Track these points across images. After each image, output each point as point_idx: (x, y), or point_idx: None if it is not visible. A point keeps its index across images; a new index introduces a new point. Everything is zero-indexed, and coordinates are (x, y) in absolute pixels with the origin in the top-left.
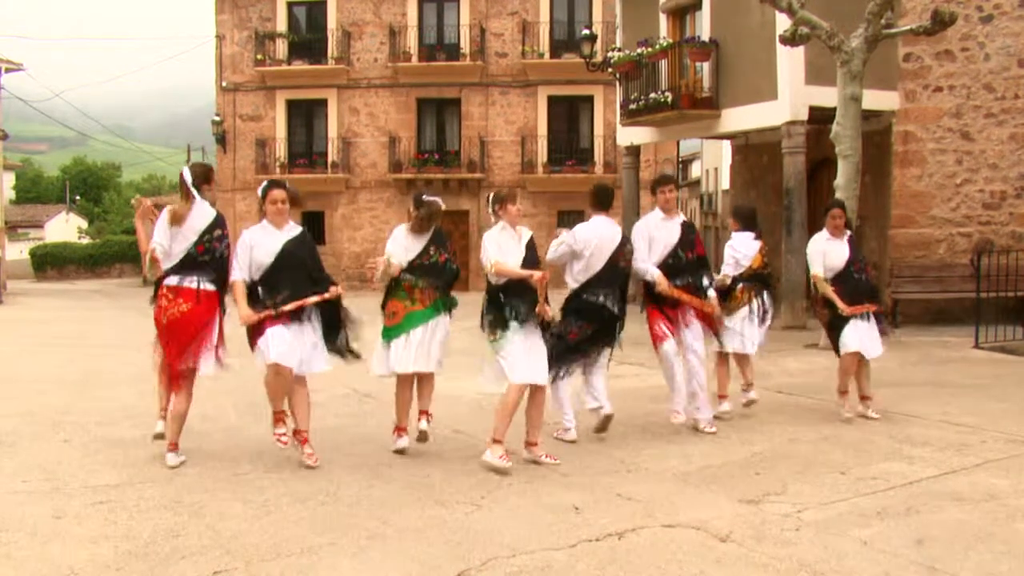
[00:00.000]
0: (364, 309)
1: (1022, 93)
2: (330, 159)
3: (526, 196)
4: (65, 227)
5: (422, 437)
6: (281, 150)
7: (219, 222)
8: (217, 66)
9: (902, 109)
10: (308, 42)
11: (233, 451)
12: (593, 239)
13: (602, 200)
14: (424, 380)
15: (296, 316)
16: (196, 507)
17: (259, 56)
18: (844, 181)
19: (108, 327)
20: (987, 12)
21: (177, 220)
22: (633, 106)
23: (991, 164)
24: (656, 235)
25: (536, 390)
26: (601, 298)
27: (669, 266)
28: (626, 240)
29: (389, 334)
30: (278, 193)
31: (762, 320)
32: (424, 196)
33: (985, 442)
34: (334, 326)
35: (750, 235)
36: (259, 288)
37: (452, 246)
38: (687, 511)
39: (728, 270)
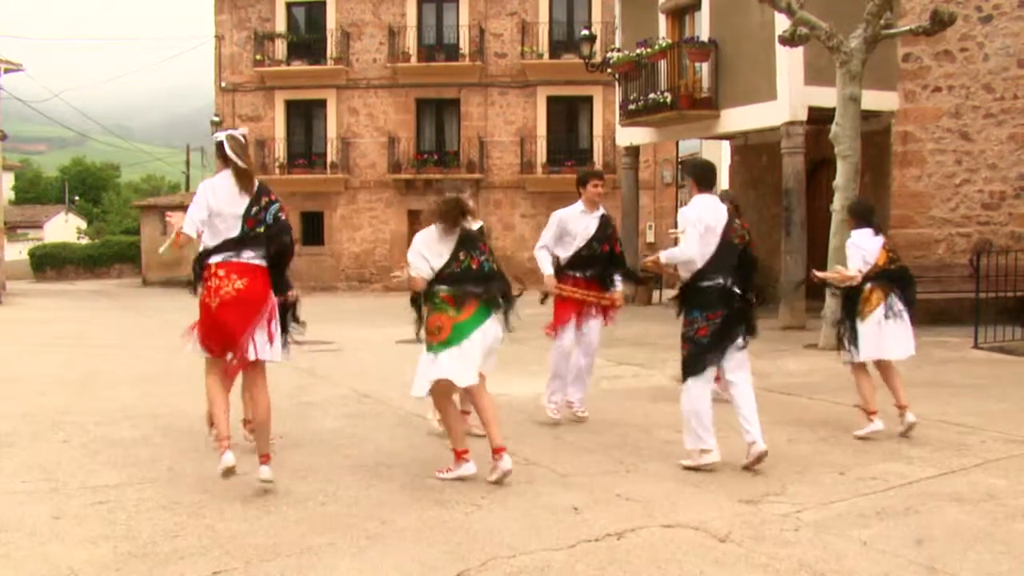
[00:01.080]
0: (364, 309)
1: (1021, 93)
2: (329, 159)
3: (525, 196)
4: (64, 227)
5: (500, 479)
6: (280, 150)
7: (264, 190)
8: (216, 66)
9: (901, 109)
10: (307, 42)
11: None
12: (706, 218)
13: (707, 178)
14: (479, 394)
15: None
16: (195, 507)
17: (258, 56)
18: (843, 181)
19: (107, 327)
20: (986, 12)
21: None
22: (632, 106)
23: (990, 164)
24: (572, 227)
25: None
26: (721, 280)
27: (583, 257)
28: (732, 216)
29: (438, 349)
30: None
31: (900, 318)
32: (447, 193)
33: (984, 442)
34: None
35: (869, 231)
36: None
37: (487, 245)
38: (686, 511)
39: (856, 265)
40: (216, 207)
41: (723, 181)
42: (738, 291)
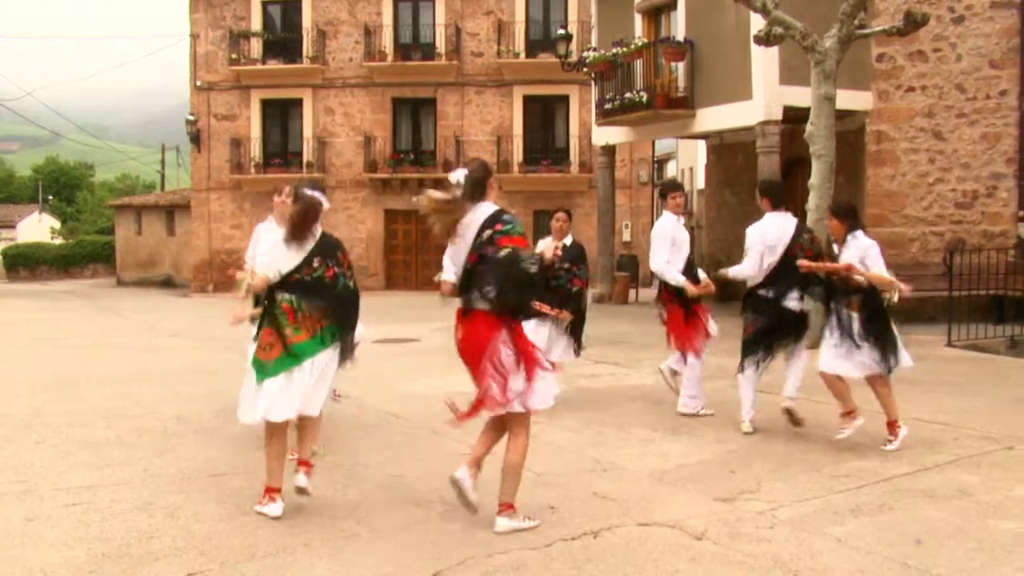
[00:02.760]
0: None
1: (993, 93)
2: (305, 159)
3: (502, 196)
4: (38, 227)
5: (302, 492)
6: (256, 150)
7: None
8: (191, 65)
9: (875, 109)
10: (283, 41)
11: (208, 452)
12: (769, 238)
13: (780, 197)
14: (307, 424)
15: None
16: (170, 509)
17: (233, 55)
18: (818, 181)
19: (82, 328)
20: (959, 13)
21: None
22: (608, 106)
23: (963, 164)
24: (679, 237)
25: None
26: (773, 293)
27: (692, 263)
28: (801, 230)
29: (264, 371)
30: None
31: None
32: (304, 188)
33: (957, 439)
34: None
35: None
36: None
37: (346, 257)
38: (663, 510)
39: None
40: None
41: (699, 180)
42: (791, 304)
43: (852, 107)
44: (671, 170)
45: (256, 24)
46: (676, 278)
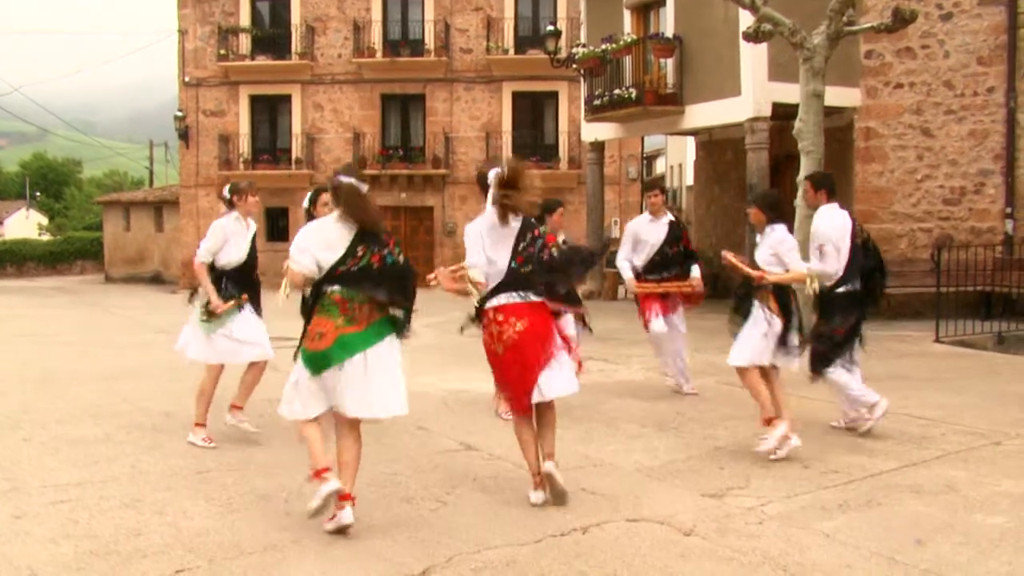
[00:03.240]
0: None
1: (981, 90)
2: (294, 155)
3: None
4: (25, 223)
5: (342, 531)
6: (245, 146)
7: (528, 224)
8: (180, 61)
9: (864, 105)
10: (271, 37)
11: (195, 449)
12: (843, 230)
13: (834, 188)
14: (351, 434)
15: None
16: (158, 506)
17: (222, 51)
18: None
19: (69, 325)
20: (947, 10)
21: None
22: (597, 102)
23: (951, 160)
24: (643, 235)
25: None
26: (854, 285)
27: (656, 262)
28: (854, 221)
29: (315, 363)
30: (326, 196)
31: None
32: (339, 177)
33: (945, 435)
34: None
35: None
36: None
37: (391, 236)
38: (651, 505)
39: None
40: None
41: (688, 177)
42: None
43: (841, 104)
44: (660, 167)
45: (245, 20)
46: (624, 274)
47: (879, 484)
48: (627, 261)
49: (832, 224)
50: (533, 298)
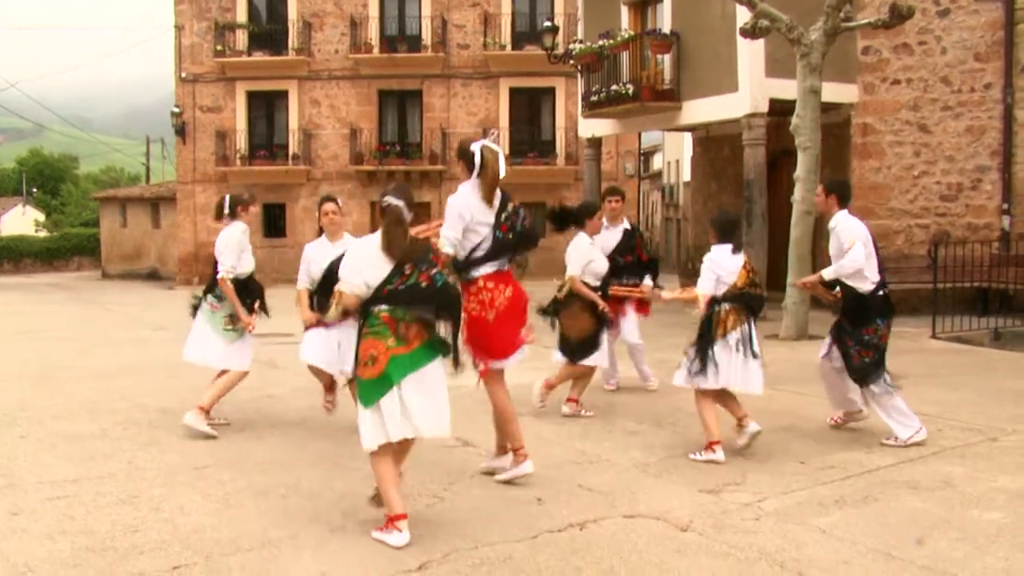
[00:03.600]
0: None
1: (978, 86)
2: (291, 151)
3: None
4: (21, 220)
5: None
6: (241, 142)
7: (506, 196)
8: (176, 57)
9: (861, 102)
10: (268, 33)
11: (193, 445)
12: (865, 235)
13: (848, 195)
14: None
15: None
16: (155, 502)
17: (219, 47)
18: (804, 173)
19: (66, 321)
20: (944, 6)
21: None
22: (594, 98)
23: (948, 156)
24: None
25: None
26: (886, 289)
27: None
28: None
29: (374, 391)
30: (328, 206)
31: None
32: (389, 197)
33: (941, 431)
34: None
35: (729, 247)
36: (318, 298)
37: (439, 256)
38: (648, 501)
39: (708, 286)
40: (471, 219)
41: (685, 173)
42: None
43: (838, 100)
44: (657, 163)
45: (241, 16)
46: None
47: (876, 480)
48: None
49: (855, 225)
50: (507, 266)
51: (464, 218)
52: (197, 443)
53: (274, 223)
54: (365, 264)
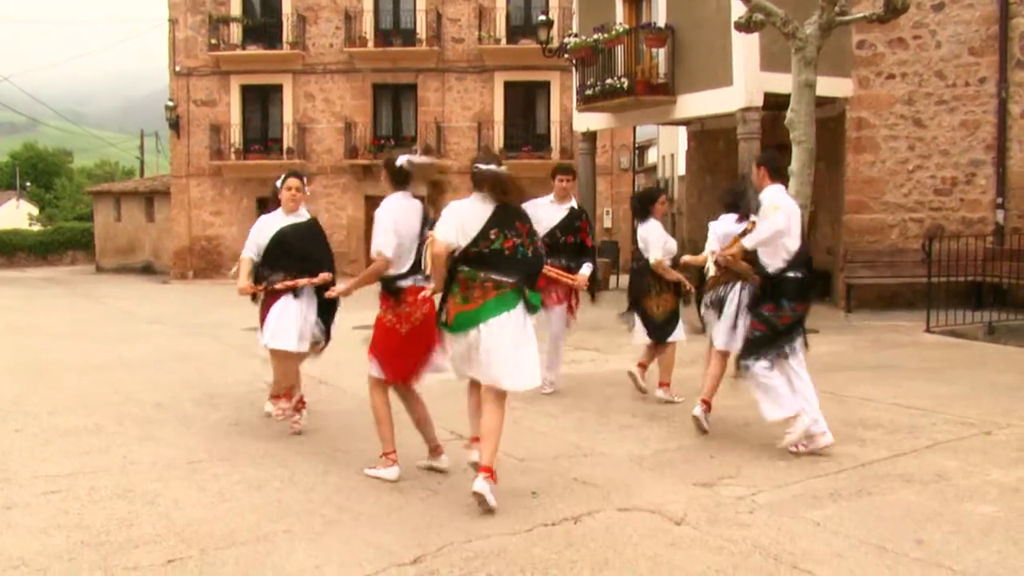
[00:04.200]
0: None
1: (972, 81)
2: (285, 145)
3: None
4: (15, 214)
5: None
6: (236, 136)
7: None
8: (170, 50)
9: (855, 96)
10: (263, 26)
11: (188, 439)
12: (792, 207)
13: (781, 169)
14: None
15: (293, 295)
16: (150, 496)
17: (213, 41)
18: (798, 167)
19: (60, 315)
20: (939, 0)
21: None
22: (589, 92)
23: (942, 151)
24: (540, 216)
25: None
26: (802, 273)
27: (547, 246)
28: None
29: (448, 335)
30: (292, 181)
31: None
32: (481, 164)
33: (935, 424)
34: (326, 311)
35: (733, 216)
36: (261, 268)
37: (525, 225)
38: (642, 495)
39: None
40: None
41: (680, 167)
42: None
43: (832, 94)
44: (652, 156)
45: (236, 9)
46: None
47: (870, 473)
48: None
49: (783, 198)
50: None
51: (400, 233)
52: (192, 438)
53: None
54: (460, 223)
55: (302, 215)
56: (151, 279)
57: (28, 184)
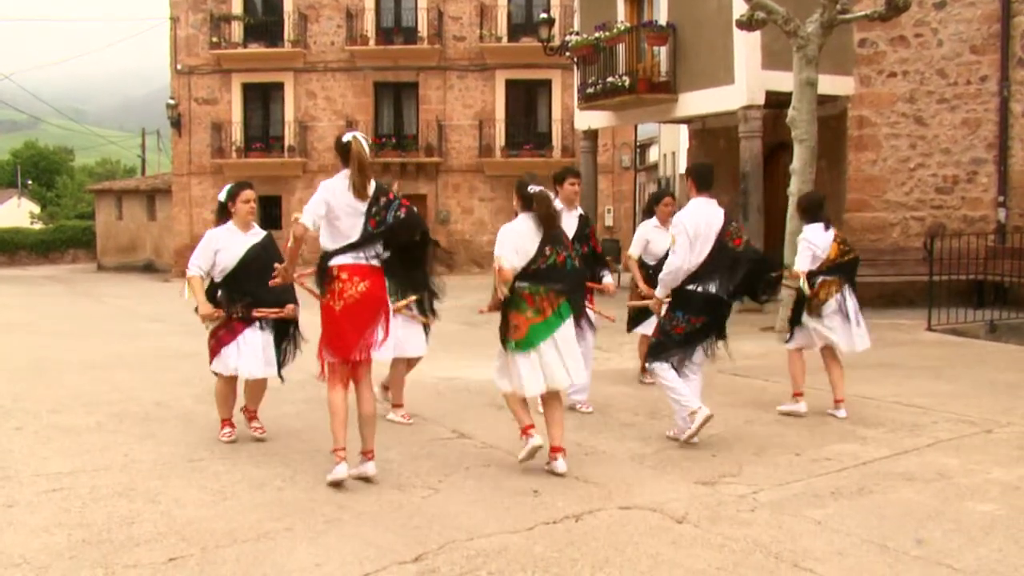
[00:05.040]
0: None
1: (974, 79)
2: (287, 143)
3: (484, 180)
4: (17, 212)
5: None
6: (237, 134)
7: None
8: (171, 49)
9: (857, 94)
10: (264, 25)
11: (189, 437)
12: (700, 223)
13: (704, 180)
14: (555, 403)
15: (254, 322)
16: (151, 494)
17: (214, 39)
18: (800, 165)
19: (61, 313)
20: None
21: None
22: (591, 90)
23: (944, 149)
24: None
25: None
26: (712, 288)
27: None
28: (730, 219)
29: (517, 349)
30: (249, 193)
31: (852, 313)
32: (530, 186)
33: (936, 423)
34: (283, 336)
35: (820, 225)
36: (219, 290)
37: (568, 240)
38: (644, 493)
39: (804, 265)
40: (336, 207)
41: (681, 165)
42: (725, 297)
43: (834, 92)
44: (653, 155)
45: (237, 7)
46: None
47: (871, 472)
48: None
49: (690, 216)
50: (374, 263)
51: (329, 203)
52: (192, 436)
53: (270, 215)
54: (519, 245)
55: (258, 232)
56: (152, 277)
57: (29, 182)
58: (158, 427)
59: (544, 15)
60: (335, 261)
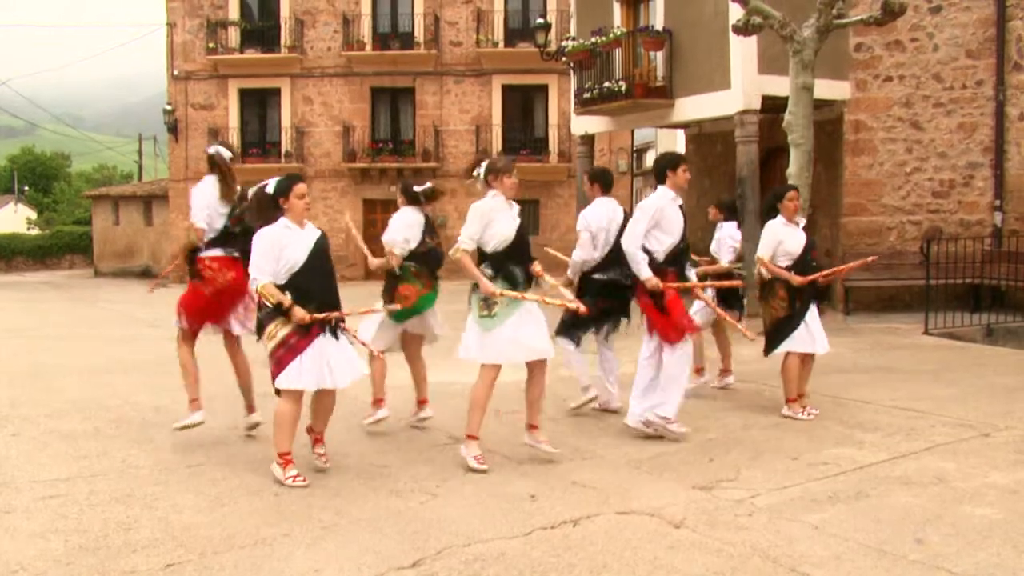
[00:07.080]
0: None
1: (970, 83)
2: (283, 148)
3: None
4: (13, 218)
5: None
6: (234, 139)
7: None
8: (168, 54)
9: (853, 98)
10: (261, 30)
11: (186, 443)
12: (603, 221)
13: (607, 183)
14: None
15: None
16: (148, 500)
17: (211, 44)
18: (796, 170)
19: (59, 319)
20: (936, 3)
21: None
22: (587, 95)
23: (940, 153)
24: (613, 216)
25: (535, 367)
26: (612, 275)
27: (681, 250)
28: (627, 217)
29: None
30: (303, 187)
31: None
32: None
33: (934, 427)
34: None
35: (733, 224)
36: (285, 292)
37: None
38: (641, 498)
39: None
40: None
41: None
42: (627, 283)
43: (830, 96)
44: (650, 160)
45: (234, 13)
46: (643, 270)
47: (868, 476)
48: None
49: (594, 214)
50: (236, 255)
51: (209, 205)
52: (190, 441)
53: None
54: (411, 234)
55: (313, 229)
56: (150, 283)
57: (26, 188)
58: (156, 433)
59: (540, 20)
60: (207, 253)
